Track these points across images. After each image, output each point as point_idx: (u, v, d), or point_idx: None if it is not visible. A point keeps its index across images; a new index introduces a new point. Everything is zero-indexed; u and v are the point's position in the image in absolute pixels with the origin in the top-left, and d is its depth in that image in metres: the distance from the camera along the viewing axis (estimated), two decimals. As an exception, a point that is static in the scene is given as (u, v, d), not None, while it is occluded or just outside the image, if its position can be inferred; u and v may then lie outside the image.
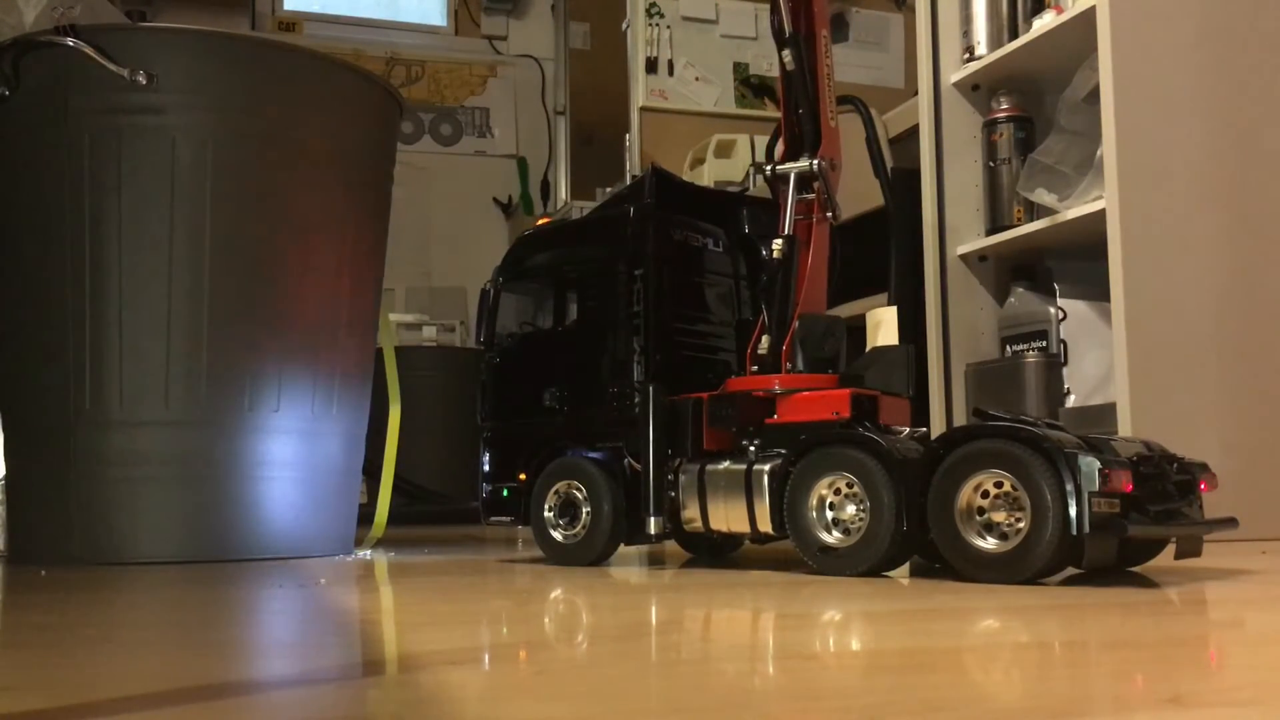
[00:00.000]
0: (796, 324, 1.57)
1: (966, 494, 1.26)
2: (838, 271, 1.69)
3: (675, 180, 1.83)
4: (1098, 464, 1.18)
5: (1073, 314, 2.14)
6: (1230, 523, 1.35)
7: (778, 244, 1.60)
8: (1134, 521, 1.21)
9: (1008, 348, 2.28)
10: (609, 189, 3.77)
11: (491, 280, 1.83)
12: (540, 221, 1.92)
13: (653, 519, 1.56)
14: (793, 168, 1.60)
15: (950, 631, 0.93)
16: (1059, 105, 2.23)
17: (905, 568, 1.45)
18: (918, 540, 1.33)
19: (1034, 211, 2.25)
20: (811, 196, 1.61)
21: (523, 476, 1.72)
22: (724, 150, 3.35)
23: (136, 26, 2.17)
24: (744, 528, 1.48)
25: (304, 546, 1.99)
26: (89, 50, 1.86)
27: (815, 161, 1.59)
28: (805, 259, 1.61)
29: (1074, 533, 1.19)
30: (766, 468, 1.45)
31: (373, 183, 2.18)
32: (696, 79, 3.71)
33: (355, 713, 0.65)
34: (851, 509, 1.38)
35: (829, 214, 1.63)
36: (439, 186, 5.04)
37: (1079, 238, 2.15)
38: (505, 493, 1.74)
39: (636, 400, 1.60)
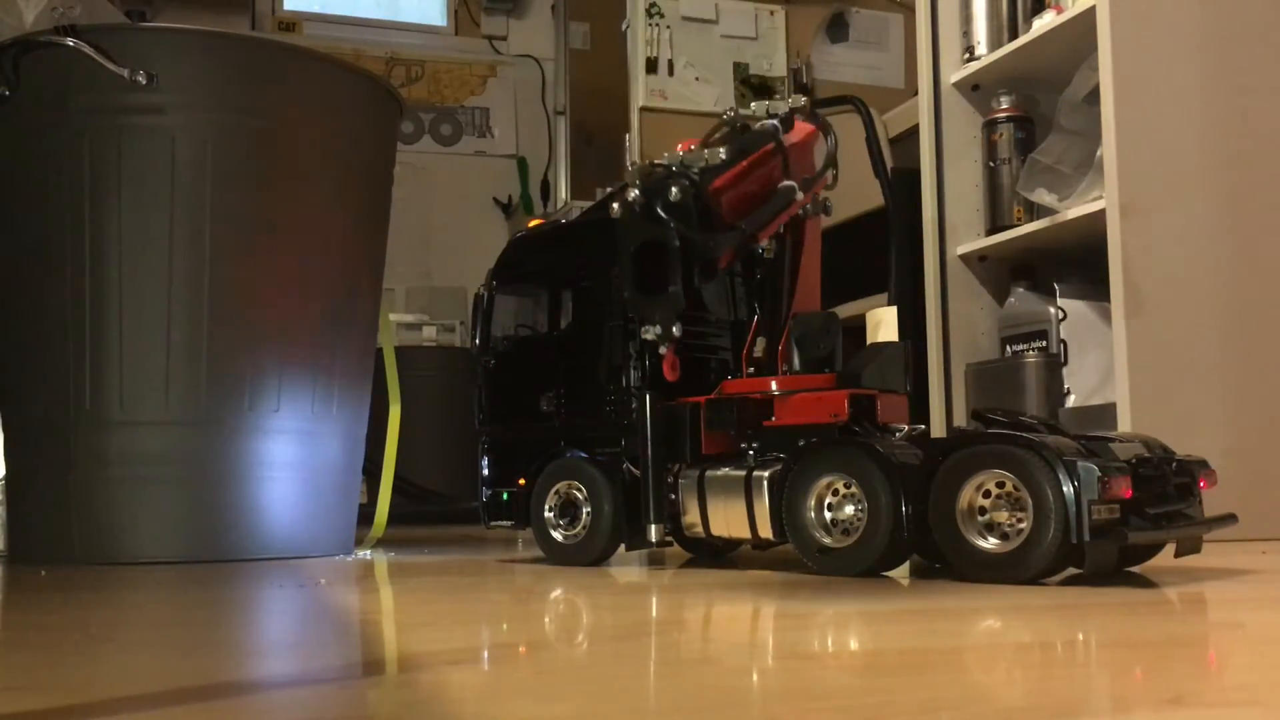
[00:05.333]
0: (792, 323, 1.56)
1: (968, 494, 1.26)
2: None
3: None
4: (1097, 471, 1.18)
5: (1073, 314, 2.14)
6: (1230, 519, 1.35)
7: (767, 241, 1.59)
8: (1134, 527, 1.21)
9: (1008, 348, 2.28)
10: (609, 189, 3.76)
11: (485, 284, 1.82)
12: (532, 223, 1.91)
13: (653, 526, 1.56)
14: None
15: (950, 631, 0.93)
16: (1059, 105, 2.23)
17: (905, 568, 1.45)
18: (916, 540, 1.33)
19: (1034, 211, 2.25)
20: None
21: (522, 481, 1.72)
22: (724, 150, 3.34)
23: (136, 26, 2.17)
24: (745, 534, 1.48)
25: (304, 546, 1.99)
26: (89, 50, 1.86)
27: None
28: (797, 256, 1.60)
29: (1074, 540, 1.19)
30: (766, 474, 1.45)
31: (373, 183, 2.18)
32: (696, 79, 3.71)
33: (355, 713, 0.65)
34: (850, 509, 1.38)
35: (824, 203, 1.61)
36: (439, 186, 5.03)
37: (1079, 238, 2.15)
38: (505, 497, 1.74)
39: (634, 406, 1.59)
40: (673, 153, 1.30)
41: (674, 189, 1.20)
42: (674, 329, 1.33)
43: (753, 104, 1.49)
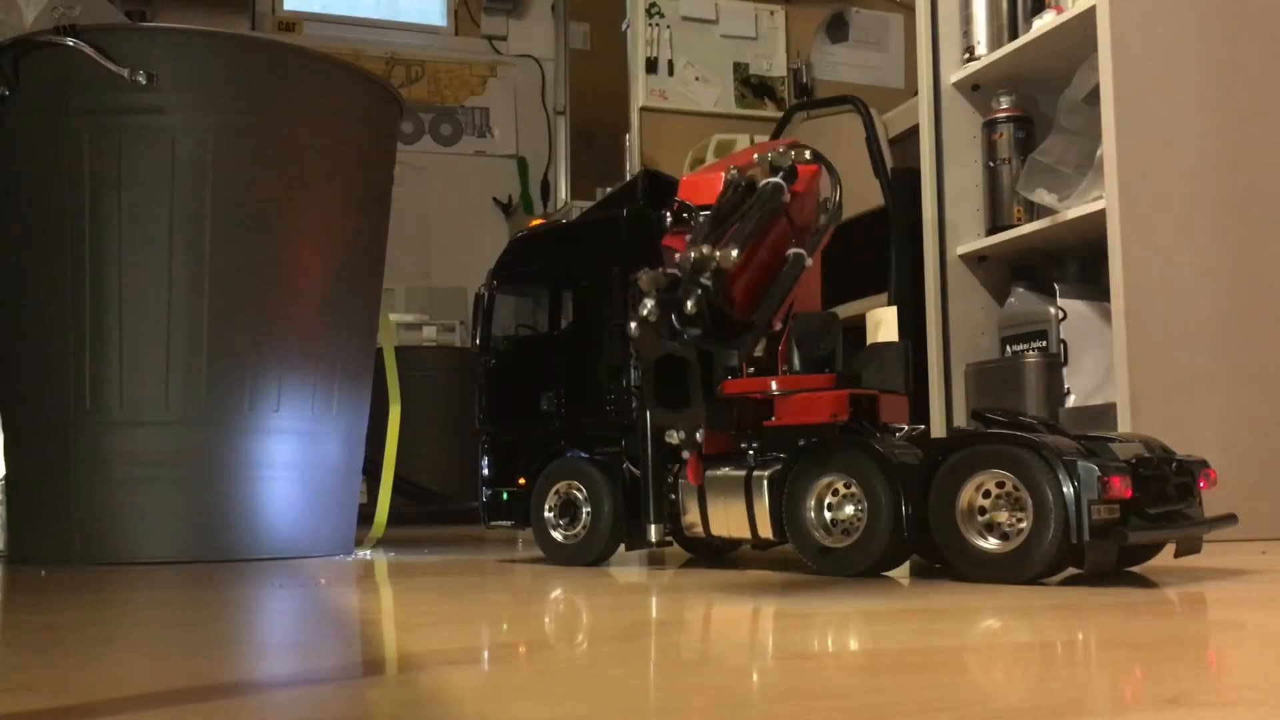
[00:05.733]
0: (791, 323, 1.56)
1: (968, 494, 1.26)
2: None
3: (667, 180, 1.83)
4: (1097, 471, 1.18)
5: (1073, 314, 2.14)
6: (1230, 519, 1.35)
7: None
8: (1134, 527, 1.21)
9: (1008, 348, 2.28)
10: (609, 189, 3.77)
11: (485, 283, 1.83)
12: (532, 223, 1.91)
13: (653, 526, 1.56)
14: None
15: (950, 631, 0.93)
16: (1059, 105, 2.23)
17: (905, 567, 1.45)
18: (916, 540, 1.33)
19: (1034, 211, 2.25)
20: None
21: (522, 481, 1.72)
22: (724, 150, 3.34)
23: (136, 26, 2.17)
24: (745, 533, 1.48)
25: (304, 546, 1.99)
26: (89, 50, 1.86)
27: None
28: None
29: (1074, 540, 1.19)
30: (766, 474, 1.45)
31: (373, 183, 2.18)
32: (696, 79, 3.71)
33: (355, 713, 0.65)
34: (850, 509, 1.38)
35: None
36: (439, 186, 5.03)
37: (1079, 238, 2.15)
38: (505, 497, 1.74)
39: (634, 406, 1.59)
40: (684, 254, 1.27)
41: (689, 303, 1.20)
42: (698, 435, 1.35)
43: (755, 156, 1.47)
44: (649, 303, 1.19)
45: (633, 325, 1.21)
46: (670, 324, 1.20)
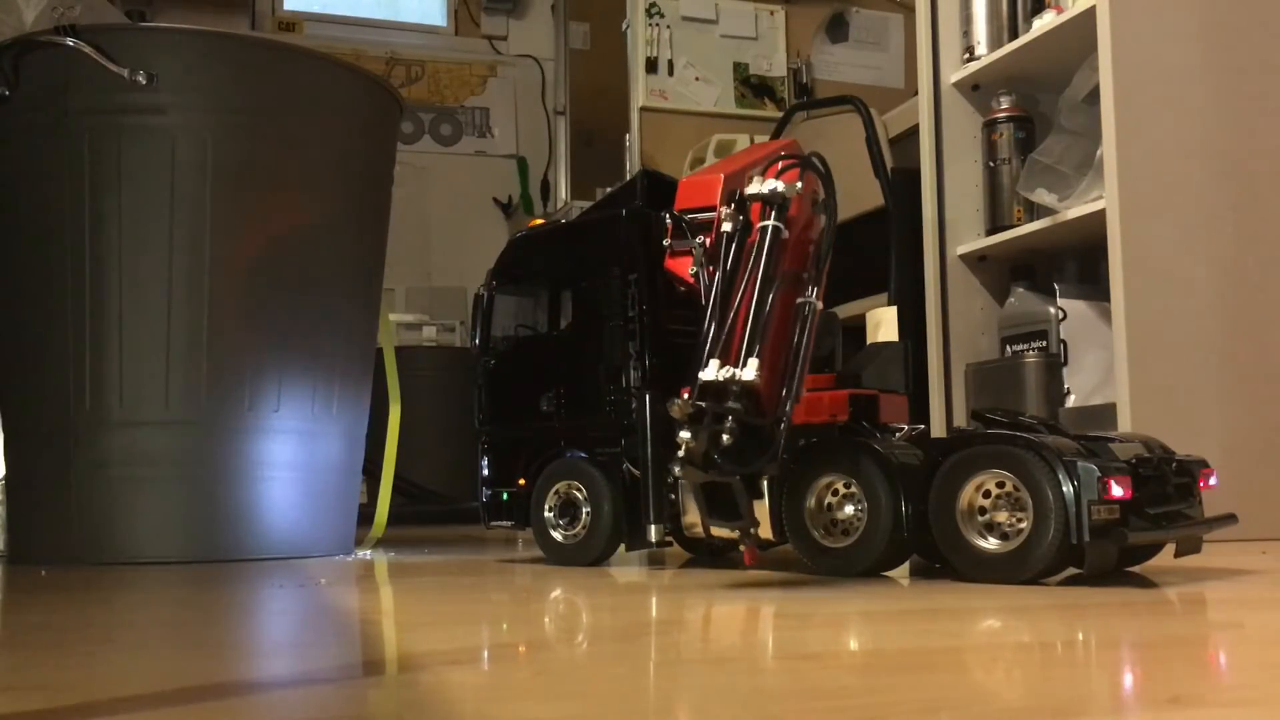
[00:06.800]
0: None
1: (968, 494, 1.26)
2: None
3: (667, 180, 1.83)
4: (1097, 471, 1.18)
5: (1073, 314, 2.14)
6: (1230, 519, 1.35)
7: None
8: (1134, 527, 1.21)
9: (1008, 348, 2.28)
10: (609, 189, 3.77)
11: (485, 284, 1.82)
12: (532, 223, 1.91)
13: (653, 526, 1.56)
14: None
15: (950, 631, 0.93)
16: (1059, 105, 2.23)
17: (905, 568, 1.45)
18: (916, 540, 1.33)
19: (1034, 211, 2.25)
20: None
21: (522, 481, 1.72)
22: (724, 150, 3.35)
23: (136, 26, 2.17)
24: (745, 534, 1.48)
25: (304, 546, 1.99)
26: (89, 50, 1.86)
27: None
28: None
29: (1074, 540, 1.19)
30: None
31: (373, 183, 2.18)
32: (696, 79, 3.71)
33: (355, 713, 0.65)
34: (850, 509, 1.38)
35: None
36: (439, 186, 5.04)
37: (1079, 238, 2.15)
38: (505, 497, 1.75)
39: (634, 406, 1.59)
40: (705, 372, 1.27)
41: (724, 436, 1.23)
42: (753, 530, 1.37)
43: (748, 189, 1.45)
44: (685, 437, 1.22)
45: (675, 469, 1.24)
46: (708, 457, 1.23)
